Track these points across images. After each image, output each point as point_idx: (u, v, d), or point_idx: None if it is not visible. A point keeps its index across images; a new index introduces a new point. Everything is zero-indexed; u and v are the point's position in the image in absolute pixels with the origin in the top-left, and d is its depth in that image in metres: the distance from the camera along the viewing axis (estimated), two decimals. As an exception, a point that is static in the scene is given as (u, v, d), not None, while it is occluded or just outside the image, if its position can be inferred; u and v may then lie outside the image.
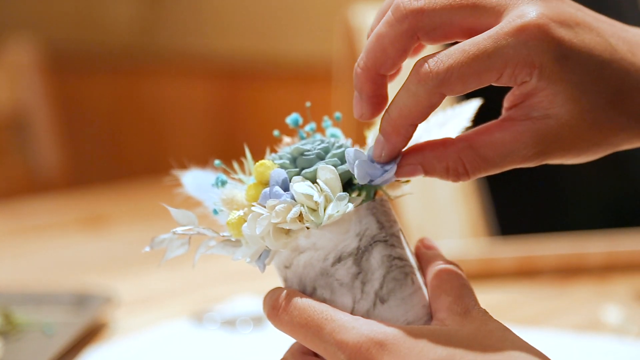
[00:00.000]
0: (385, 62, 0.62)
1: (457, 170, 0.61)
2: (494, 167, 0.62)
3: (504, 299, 1.11)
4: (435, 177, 0.62)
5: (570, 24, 0.61)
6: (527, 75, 0.60)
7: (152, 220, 1.48)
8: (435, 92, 0.59)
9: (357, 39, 1.28)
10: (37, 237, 1.47)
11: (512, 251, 1.18)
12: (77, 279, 1.20)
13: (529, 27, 0.59)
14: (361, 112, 0.63)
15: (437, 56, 0.59)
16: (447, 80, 0.59)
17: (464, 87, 0.60)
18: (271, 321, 0.61)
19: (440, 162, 0.62)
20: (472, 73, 0.59)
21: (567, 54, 0.60)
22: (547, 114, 0.61)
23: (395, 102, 0.61)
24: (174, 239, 0.63)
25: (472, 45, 0.59)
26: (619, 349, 0.94)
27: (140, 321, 1.05)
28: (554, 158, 0.62)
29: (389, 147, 0.61)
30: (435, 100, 0.60)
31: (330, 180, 0.61)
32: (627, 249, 1.20)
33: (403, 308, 0.61)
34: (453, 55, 0.59)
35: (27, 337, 0.97)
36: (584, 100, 0.61)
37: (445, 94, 0.60)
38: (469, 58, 0.59)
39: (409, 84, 0.60)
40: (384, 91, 0.63)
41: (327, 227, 0.60)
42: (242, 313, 1.03)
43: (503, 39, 0.59)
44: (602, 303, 1.06)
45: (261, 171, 0.62)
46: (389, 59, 0.62)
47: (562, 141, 0.61)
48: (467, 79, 0.59)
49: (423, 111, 0.60)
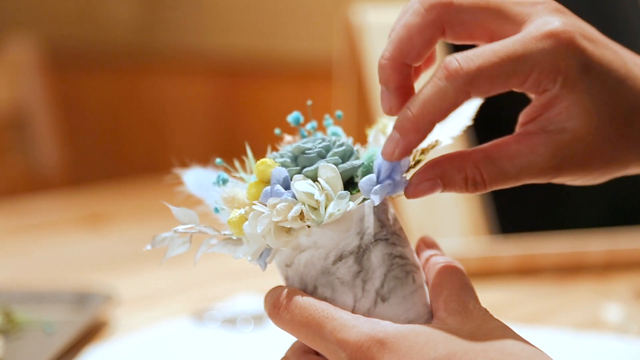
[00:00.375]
0: (411, 52, 0.62)
1: (475, 180, 0.61)
2: (511, 179, 0.62)
3: (505, 297, 1.11)
4: (454, 190, 0.62)
5: (590, 38, 0.62)
6: (552, 82, 0.61)
7: (153, 219, 1.48)
8: (463, 90, 0.59)
9: (358, 38, 1.28)
10: (38, 236, 1.47)
11: (513, 249, 1.18)
12: (78, 277, 1.20)
13: (557, 34, 0.60)
14: (389, 105, 0.63)
15: (466, 54, 0.60)
16: (477, 79, 0.59)
17: (491, 88, 0.60)
18: (272, 320, 0.61)
19: (459, 172, 0.61)
20: (501, 74, 0.60)
21: (589, 64, 0.61)
22: (564, 127, 0.61)
23: (418, 98, 0.60)
24: (175, 237, 0.63)
25: (502, 46, 0.60)
26: (619, 347, 0.94)
27: (141, 320, 1.05)
28: (568, 174, 0.63)
29: (403, 145, 0.61)
30: (461, 99, 0.60)
31: (332, 178, 0.61)
32: (628, 247, 1.20)
33: (404, 306, 0.61)
34: (483, 55, 0.60)
35: (27, 335, 0.97)
36: (601, 113, 0.61)
37: (472, 94, 0.60)
38: (499, 59, 0.60)
39: (436, 79, 0.60)
40: (411, 82, 0.63)
41: (328, 226, 0.60)
42: (243, 311, 1.03)
43: (532, 43, 0.60)
44: (603, 301, 1.06)
45: (262, 169, 0.62)
46: (415, 49, 0.62)
47: (577, 156, 0.62)
48: (496, 80, 0.60)
49: (447, 109, 0.60)
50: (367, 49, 1.26)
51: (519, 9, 0.62)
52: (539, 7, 0.62)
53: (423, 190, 0.62)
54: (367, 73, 1.26)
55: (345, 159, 0.62)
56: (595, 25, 0.65)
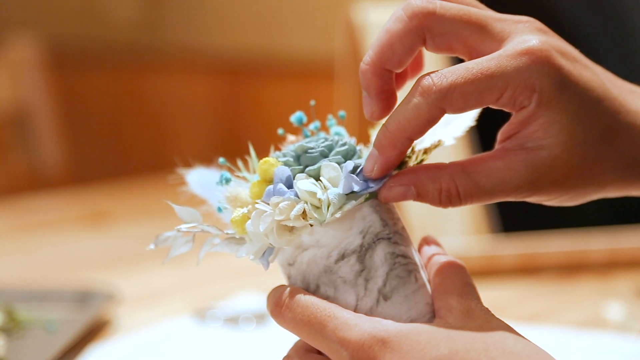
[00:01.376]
0: (392, 58, 0.62)
1: (450, 193, 0.61)
2: (486, 195, 0.62)
3: (507, 296, 1.11)
4: (427, 201, 0.62)
5: (569, 57, 0.62)
6: (527, 99, 0.61)
7: (155, 217, 1.49)
8: (437, 107, 0.60)
9: (360, 36, 1.28)
10: (40, 234, 1.47)
11: (515, 248, 1.18)
12: (80, 276, 1.20)
13: (532, 52, 0.60)
14: (371, 110, 0.63)
15: (440, 71, 0.60)
16: (450, 95, 0.60)
17: (465, 104, 0.60)
18: (274, 318, 0.62)
19: (433, 182, 0.62)
20: (473, 91, 0.60)
21: (566, 82, 0.61)
22: (541, 144, 0.62)
23: (394, 115, 0.61)
24: (178, 236, 0.63)
25: (475, 64, 0.60)
26: (621, 346, 0.94)
27: (143, 318, 1.05)
28: (544, 193, 0.63)
29: (382, 161, 0.61)
30: (435, 115, 0.60)
31: (334, 177, 0.61)
32: (630, 245, 1.20)
33: (406, 305, 0.61)
34: (456, 71, 0.60)
35: (29, 334, 0.97)
36: (578, 131, 0.61)
37: (446, 110, 0.60)
38: (472, 75, 0.60)
39: (410, 96, 0.61)
40: (392, 87, 0.64)
41: (330, 225, 0.60)
42: (245, 310, 1.03)
43: (506, 61, 0.60)
44: (605, 300, 1.06)
45: (265, 169, 0.62)
46: (395, 55, 0.62)
47: (553, 174, 0.62)
48: (469, 96, 0.60)
49: (422, 125, 0.60)
50: (368, 48, 1.26)
51: (500, 26, 0.63)
52: (521, 25, 0.63)
53: (395, 195, 0.62)
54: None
55: (348, 158, 0.62)
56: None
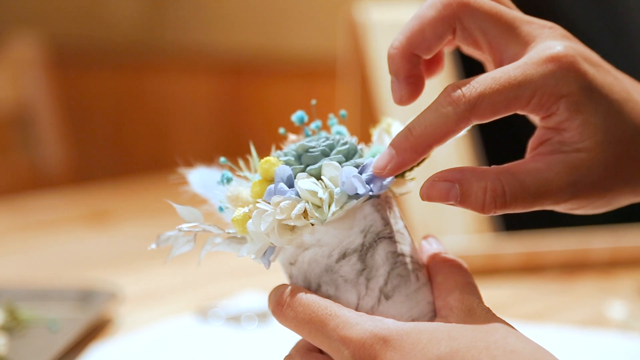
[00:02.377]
0: (422, 44, 0.63)
1: (496, 192, 0.61)
2: (530, 197, 0.61)
3: (509, 295, 1.11)
4: (470, 202, 0.61)
5: (592, 62, 0.63)
6: (554, 105, 0.61)
7: (157, 216, 1.49)
8: (465, 117, 0.60)
9: (362, 35, 1.28)
10: (42, 233, 1.47)
11: (517, 247, 1.18)
12: (82, 274, 1.20)
13: (557, 59, 0.61)
14: (400, 95, 0.64)
15: (469, 82, 0.61)
16: (479, 105, 0.60)
17: (493, 114, 0.61)
18: (276, 317, 0.62)
19: (479, 181, 0.61)
20: (501, 100, 0.60)
21: (591, 86, 0.62)
22: (578, 147, 0.62)
23: (419, 120, 0.61)
24: (179, 236, 0.63)
25: (502, 73, 0.61)
26: (623, 345, 0.94)
27: (145, 317, 1.05)
28: (583, 196, 0.63)
29: (397, 162, 0.61)
30: (462, 126, 0.61)
31: (335, 177, 0.61)
32: (632, 244, 1.20)
33: (407, 304, 0.61)
34: (484, 82, 0.61)
35: (31, 333, 0.97)
36: (612, 130, 0.62)
37: (473, 120, 0.60)
38: (499, 85, 0.60)
39: (438, 104, 0.61)
40: (420, 72, 0.64)
41: (331, 224, 0.60)
42: (247, 309, 1.03)
43: (532, 68, 0.61)
44: (607, 299, 1.06)
45: (266, 168, 0.62)
46: (425, 41, 0.63)
47: (592, 175, 0.62)
48: (497, 105, 0.61)
49: (447, 134, 0.61)
50: (370, 47, 1.26)
51: (527, 29, 0.63)
52: (546, 30, 0.63)
53: (438, 191, 0.61)
54: (370, 71, 1.26)
55: (349, 157, 0.62)
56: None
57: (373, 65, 1.25)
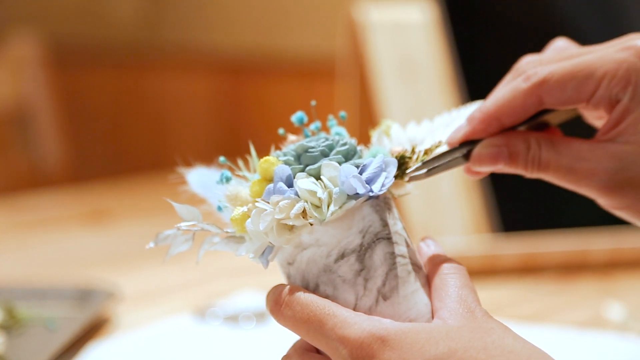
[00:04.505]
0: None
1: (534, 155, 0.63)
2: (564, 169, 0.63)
3: (507, 296, 1.11)
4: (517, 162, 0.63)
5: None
6: (622, 91, 0.62)
7: (155, 215, 1.49)
8: (534, 92, 0.61)
9: (361, 35, 1.28)
10: (40, 232, 1.47)
11: (515, 248, 1.18)
12: (80, 273, 1.20)
13: (635, 48, 0.62)
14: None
15: (541, 58, 0.62)
16: (547, 81, 0.61)
17: (562, 92, 0.62)
18: (274, 316, 0.61)
19: (523, 142, 0.63)
20: (572, 80, 0.61)
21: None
22: (629, 139, 0.63)
23: (493, 94, 0.63)
24: (178, 234, 0.63)
25: (578, 54, 0.62)
26: (621, 346, 0.94)
27: (143, 316, 1.05)
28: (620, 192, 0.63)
29: (467, 131, 0.63)
30: (530, 101, 0.62)
31: (334, 177, 0.61)
32: (631, 245, 1.20)
33: (405, 305, 0.61)
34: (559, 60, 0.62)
35: (29, 332, 0.97)
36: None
37: (543, 100, 0.61)
38: (572, 65, 0.62)
39: (510, 77, 0.63)
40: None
41: (330, 224, 0.60)
42: (245, 309, 1.03)
43: (608, 55, 0.62)
44: (605, 300, 1.06)
45: (265, 167, 0.62)
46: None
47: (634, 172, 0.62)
48: (566, 84, 0.61)
49: (515, 108, 0.62)
50: (370, 47, 1.26)
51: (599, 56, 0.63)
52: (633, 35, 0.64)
53: (487, 155, 0.63)
54: (369, 71, 1.25)
55: (349, 158, 0.62)
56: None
57: (372, 65, 1.25)
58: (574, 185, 0.64)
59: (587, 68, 0.61)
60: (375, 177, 0.61)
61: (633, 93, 0.61)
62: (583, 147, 0.63)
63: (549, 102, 0.62)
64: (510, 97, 0.62)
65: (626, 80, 0.61)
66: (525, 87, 0.62)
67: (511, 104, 0.62)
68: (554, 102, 0.62)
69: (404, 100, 1.24)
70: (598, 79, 0.61)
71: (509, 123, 0.63)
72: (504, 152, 0.63)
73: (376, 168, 0.61)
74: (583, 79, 0.61)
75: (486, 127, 0.63)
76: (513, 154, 0.63)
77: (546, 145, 0.63)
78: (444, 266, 0.63)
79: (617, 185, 0.63)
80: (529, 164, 0.64)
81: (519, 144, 0.63)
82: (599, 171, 0.62)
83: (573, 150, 0.63)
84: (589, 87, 0.62)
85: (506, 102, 0.62)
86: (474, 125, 0.63)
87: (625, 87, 0.61)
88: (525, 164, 0.64)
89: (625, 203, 0.63)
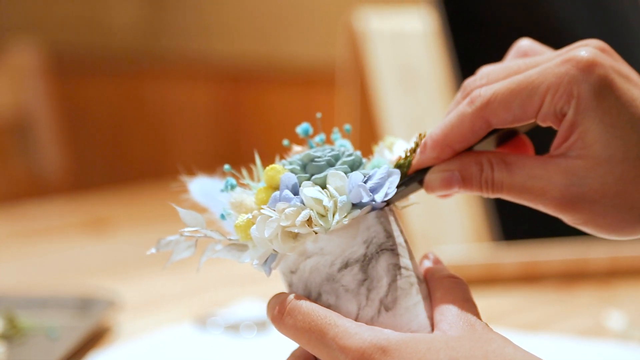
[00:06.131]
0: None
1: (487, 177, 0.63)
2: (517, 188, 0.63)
3: (507, 304, 1.11)
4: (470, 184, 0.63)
5: (622, 74, 0.62)
6: (566, 105, 0.61)
7: (156, 224, 1.49)
8: (479, 116, 0.61)
9: (361, 44, 1.28)
10: (40, 241, 1.47)
11: (515, 256, 1.18)
12: (81, 282, 1.20)
13: (575, 59, 0.61)
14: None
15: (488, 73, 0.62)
16: (491, 103, 0.60)
17: (508, 112, 0.61)
18: (275, 325, 0.61)
19: (476, 164, 0.63)
20: (516, 99, 0.61)
21: (605, 92, 0.61)
22: (579, 154, 0.62)
23: (443, 119, 0.63)
24: (180, 240, 0.63)
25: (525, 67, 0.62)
26: (621, 355, 0.94)
27: (144, 325, 1.05)
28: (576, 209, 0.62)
29: (419, 160, 0.63)
30: (478, 125, 0.61)
31: (340, 186, 0.61)
32: (631, 254, 1.20)
33: (407, 317, 0.61)
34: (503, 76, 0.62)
35: (31, 341, 0.97)
36: (614, 146, 0.61)
37: (490, 121, 0.61)
38: (515, 84, 0.61)
39: (455, 102, 0.63)
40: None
41: (335, 233, 0.60)
42: (246, 317, 1.03)
43: (549, 69, 0.61)
44: (605, 308, 1.06)
45: (272, 175, 0.62)
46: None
47: (586, 187, 0.61)
48: (511, 104, 0.61)
49: (464, 134, 0.62)
50: (369, 55, 1.26)
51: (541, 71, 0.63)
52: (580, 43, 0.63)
53: (441, 181, 0.63)
54: (369, 79, 1.26)
55: (354, 168, 0.62)
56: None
57: (372, 74, 1.25)
58: (531, 204, 0.63)
59: (530, 85, 0.61)
60: (379, 187, 0.61)
61: (577, 106, 0.61)
62: (536, 165, 0.62)
63: (496, 123, 0.62)
64: (458, 123, 0.62)
65: (568, 94, 0.60)
66: (470, 111, 0.61)
67: (460, 130, 0.62)
68: (501, 123, 0.62)
69: (404, 108, 1.24)
70: (541, 95, 0.61)
71: (460, 148, 0.63)
72: (456, 176, 0.63)
73: (380, 178, 0.61)
74: (526, 97, 0.61)
75: (439, 154, 0.63)
76: (466, 177, 0.63)
77: (499, 166, 0.63)
78: (445, 280, 0.63)
79: (570, 201, 0.62)
80: (482, 186, 0.63)
81: (471, 166, 0.63)
82: (551, 188, 0.62)
83: (526, 168, 0.62)
84: (533, 104, 0.61)
85: (455, 128, 0.62)
86: (427, 154, 0.63)
87: (568, 100, 0.61)
88: (480, 186, 0.63)
89: (583, 219, 0.62)
